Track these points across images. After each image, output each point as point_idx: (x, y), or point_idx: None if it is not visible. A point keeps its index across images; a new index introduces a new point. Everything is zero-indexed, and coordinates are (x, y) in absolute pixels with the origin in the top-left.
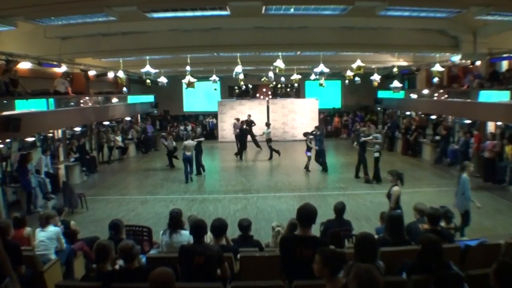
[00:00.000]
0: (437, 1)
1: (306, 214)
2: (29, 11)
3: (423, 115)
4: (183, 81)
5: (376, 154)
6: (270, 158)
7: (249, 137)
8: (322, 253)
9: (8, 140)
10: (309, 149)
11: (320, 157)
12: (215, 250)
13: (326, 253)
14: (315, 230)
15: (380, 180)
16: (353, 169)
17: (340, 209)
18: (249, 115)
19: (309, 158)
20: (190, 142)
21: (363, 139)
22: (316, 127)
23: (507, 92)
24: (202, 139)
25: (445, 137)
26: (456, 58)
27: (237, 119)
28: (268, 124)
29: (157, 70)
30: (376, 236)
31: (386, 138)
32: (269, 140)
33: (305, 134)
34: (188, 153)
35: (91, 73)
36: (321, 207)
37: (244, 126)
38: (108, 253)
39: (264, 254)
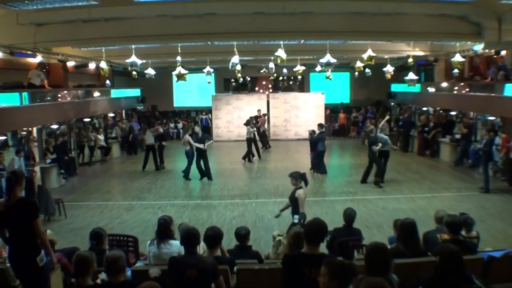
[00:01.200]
0: None
1: (316, 231)
2: None
3: (441, 111)
4: (173, 73)
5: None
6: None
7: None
8: (329, 265)
9: None
10: (315, 148)
11: (318, 159)
12: (209, 262)
13: (333, 264)
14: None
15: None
16: (363, 170)
17: (349, 216)
18: (259, 111)
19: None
20: (186, 137)
21: (375, 148)
22: (319, 125)
23: None
24: (210, 141)
25: (466, 135)
26: (479, 47)
27: (256, 118)
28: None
29: (144, 61)
30: (389, 247)
31: (400, 137)
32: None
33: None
34: (187, 148)
35: (70, 64)
36: (327, 214)
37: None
38: (89, 266)
39: (264, 266)
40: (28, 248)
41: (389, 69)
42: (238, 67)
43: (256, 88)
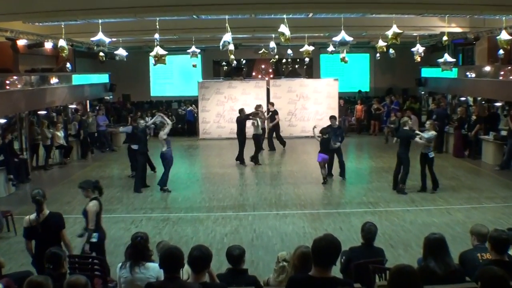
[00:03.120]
0: None
1: (326, 250)
2: None
3: (483, 102)
4: (150, 54)
5: (432, 154)
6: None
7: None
8: None
9: None
10: (326, 150)
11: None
12: None
13: None
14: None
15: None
16: (387, 176)
17: (369, 232)
18: (272, 104)
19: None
20: (161, 134)
21: (417, 139)
22: (331, 118)
23: None
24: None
25: None
26: None
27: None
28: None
29: (113, 39)
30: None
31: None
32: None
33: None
34: (163, 149)
35: (21, 42)
36: (342, 230)
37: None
38: None
39: None
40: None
41: (419, 49)
42: (231, 47)
43: (254, 73)
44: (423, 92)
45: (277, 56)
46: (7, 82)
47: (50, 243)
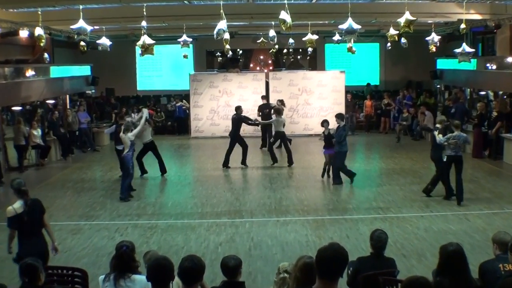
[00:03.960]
0: None
1: (332, 260)
2: None
3: (505, 97)
4: (137, 44)
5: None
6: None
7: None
8: None
9: None
10: (329, 145)
11: (337, 162)
12: None
13: None
14: None
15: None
16: (399, 178)
17: (378, 240)
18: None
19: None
20: (124, 136)
21: (443, 140)
22: (338, 116)
23: None
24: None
25: None
26: None
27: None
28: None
29: (96, 27)
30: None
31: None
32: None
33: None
34: (125, 152)
35: None
36: (349, 239)
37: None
38: None
39: None
40: None
41: (434, 38)
42: (226, 36)
43: (251, 65)
44: (438, 86)
45: (277, 46)
46: None
47: (35, 231)
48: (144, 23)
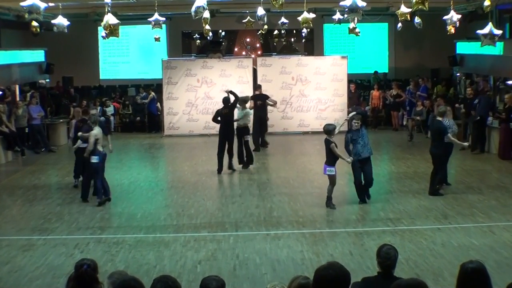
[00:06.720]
0: None
1: (332, 282)
2: None
3: None
4: (100, 25)
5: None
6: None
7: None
8: None
9: None
10: (332, 160)
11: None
12: None
13: None
14: None
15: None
16: (412, 184)
17: (387, 258)
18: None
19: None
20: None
21: (450, 138)
22: (353, 109)
23: None
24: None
25: None
26: None
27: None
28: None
29: (51, 4)
30: None
31: (470, 128)
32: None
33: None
34: (93, 159)
35: None
36: (352, 256)
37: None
38: None
39: None
40: None
41: (453, 18)
42: (206, 15)
43: (236, 49)
44: (458, 74)
45: (266, 27)
46: None
47: None
48: (107, 0)
